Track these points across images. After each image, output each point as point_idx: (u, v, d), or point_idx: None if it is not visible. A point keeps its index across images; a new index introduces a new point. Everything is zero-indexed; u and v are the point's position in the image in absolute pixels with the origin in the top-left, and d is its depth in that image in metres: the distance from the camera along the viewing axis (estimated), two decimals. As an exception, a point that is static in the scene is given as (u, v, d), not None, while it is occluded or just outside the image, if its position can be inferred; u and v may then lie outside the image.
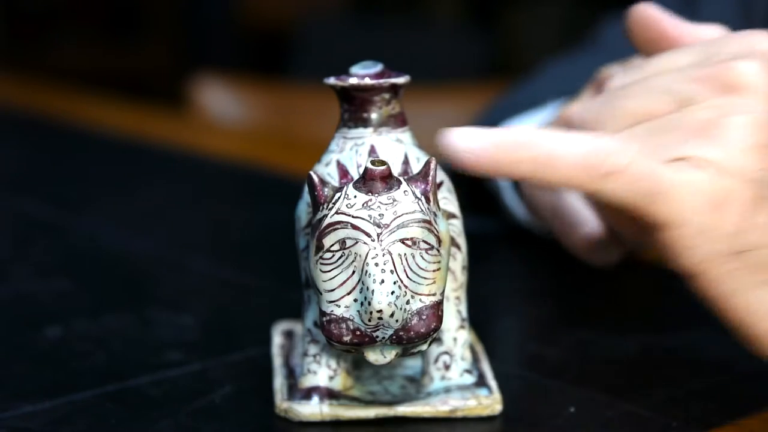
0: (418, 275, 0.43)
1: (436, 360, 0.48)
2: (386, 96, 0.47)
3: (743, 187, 0.45)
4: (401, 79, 0.46)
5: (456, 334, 0.48)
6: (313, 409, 0.47)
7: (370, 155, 0.46)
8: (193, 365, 0.53)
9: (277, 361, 0.51)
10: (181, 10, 3.27)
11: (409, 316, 0.43)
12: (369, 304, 0.42)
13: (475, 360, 0.50)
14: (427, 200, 0.44)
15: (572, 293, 0.63)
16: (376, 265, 0.43)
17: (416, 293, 0.43)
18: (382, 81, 0.46)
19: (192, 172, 0.98)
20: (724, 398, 0.49)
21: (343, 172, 0.46)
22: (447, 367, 0.48)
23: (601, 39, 0.83)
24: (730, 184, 0.45)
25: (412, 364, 0.50)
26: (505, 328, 0.60)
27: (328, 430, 0.47)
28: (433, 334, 0.44)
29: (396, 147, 0.47)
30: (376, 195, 0.43)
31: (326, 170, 0.47)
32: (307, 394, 0.47)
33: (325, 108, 0.95)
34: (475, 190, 0.72)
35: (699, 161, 0.45)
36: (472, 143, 0.43)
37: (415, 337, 0.43)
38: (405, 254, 0.43)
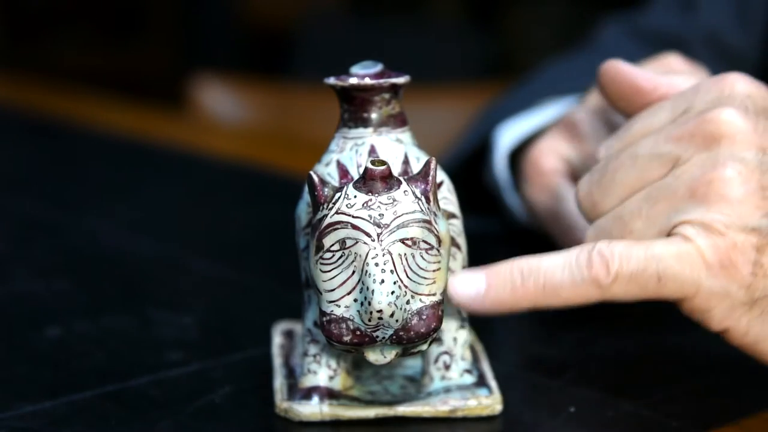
0: (418, 275, 0.43)
1: (436, 360, 0.48)
2: (386, 96, 0.47)
3: (746, 238, 0.45)
4: (401, 79, 0.46)
5: (456, 334, 0.48)
6: (313, 409, 0.47)
7: (370, 155, 0.46)
8: (193, 365, 0.53)
9: (277, 361, 0.51)
10: (181, 11, 3.27)
11: (409, 316, 0.43)
12: (369, 304, 0.42)
13: (475, 360, 0.50)
14: (427, 200, 0.44)
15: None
16: (376, 265, 0.43)
17: (416, 293, 0.43)
18: (382, 81, 0.46)
19: (192, 172, 0.98)
20: (724, 398, 0.49)
21: (343, 172, 0.46)
22: (447, 367, 0.48)
23: (599, 40, 0.83)
24: (732, 239, 0.45)
25: (412, 364, 0.50)
26: (505, 328, 0.60)
27: (328, 430, 0.47)
28: (433, 334, 0.44)
29: (396, 147, 0.47)
30: (376, 195, 0.43)
31: (326, 170, 0.47)
32: (307, 394, 0.47)
33: (325, 108, 0.95)
34: (475, 190, 0.72)
35: (696, 225, 0.45)
36: (471, 289, 0.46)
37: (415, 337, 0.43)
38: (405, 254, 0.43)
